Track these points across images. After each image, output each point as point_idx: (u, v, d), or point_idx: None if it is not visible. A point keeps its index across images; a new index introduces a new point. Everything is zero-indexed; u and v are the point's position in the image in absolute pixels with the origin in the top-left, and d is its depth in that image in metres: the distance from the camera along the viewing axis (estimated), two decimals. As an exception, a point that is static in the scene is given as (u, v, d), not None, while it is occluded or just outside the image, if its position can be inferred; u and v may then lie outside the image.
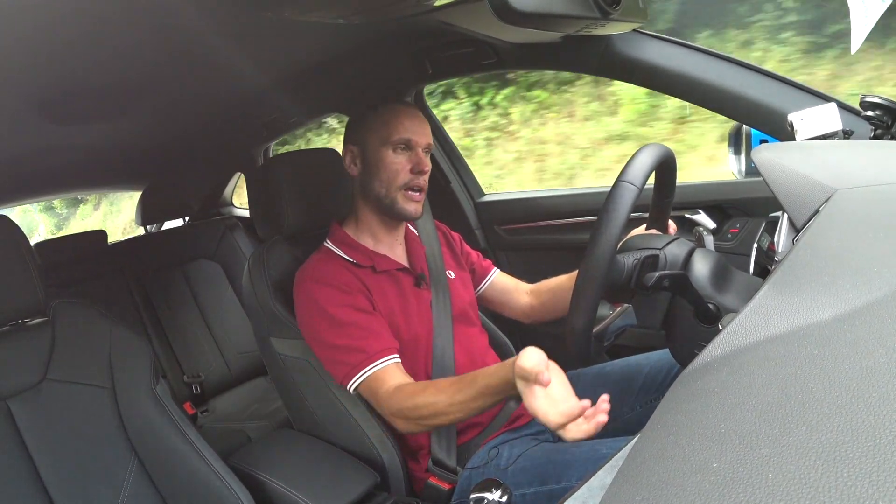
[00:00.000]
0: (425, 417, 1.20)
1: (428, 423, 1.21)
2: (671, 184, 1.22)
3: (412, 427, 1.25)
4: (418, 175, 1.41)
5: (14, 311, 1.28)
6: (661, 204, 1.26)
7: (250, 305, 1.55)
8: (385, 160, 1.40)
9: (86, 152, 2.14)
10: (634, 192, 0.94)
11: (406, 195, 1.41)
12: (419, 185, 1.42)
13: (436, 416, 1.18)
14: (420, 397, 1.20)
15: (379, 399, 1.27)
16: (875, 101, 1.23)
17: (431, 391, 1.20)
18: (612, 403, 1.44)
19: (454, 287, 1.54)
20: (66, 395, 1.29)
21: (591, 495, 0.61)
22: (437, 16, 1.43)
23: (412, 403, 1.20)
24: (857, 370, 0.43)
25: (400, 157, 1.41)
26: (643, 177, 0.95)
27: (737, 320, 0.58)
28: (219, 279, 2.88)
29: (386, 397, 1.24)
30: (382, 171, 1.41)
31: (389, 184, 1.41)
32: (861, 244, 0.64)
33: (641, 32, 1.53)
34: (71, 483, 1.24)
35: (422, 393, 1.20)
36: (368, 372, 1.28)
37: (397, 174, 1.40)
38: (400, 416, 1.23)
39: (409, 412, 1.21)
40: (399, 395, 1.23)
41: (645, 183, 0.95)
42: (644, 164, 0.97)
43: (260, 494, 1.33)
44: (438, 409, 1.17)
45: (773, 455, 0.39)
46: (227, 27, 1.30)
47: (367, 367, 1.28)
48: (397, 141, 1.40)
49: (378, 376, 1.27)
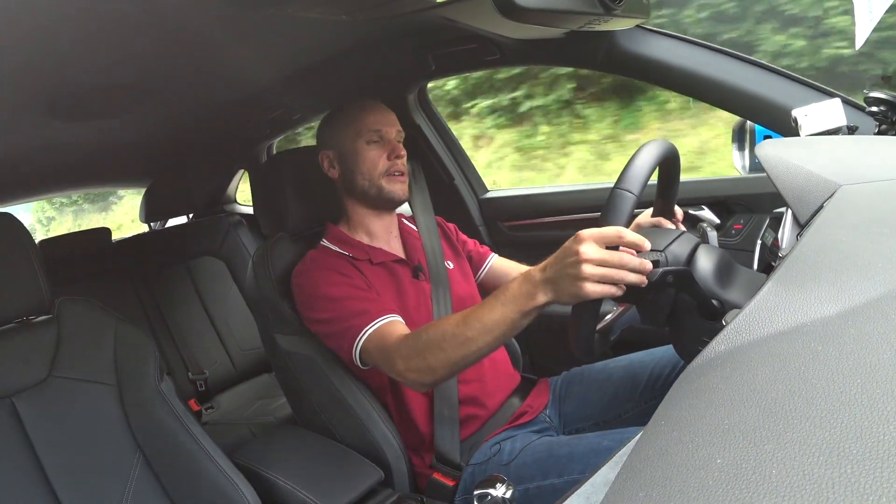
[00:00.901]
0: (438, 348, 1.12)
1: (440, 358, 1.13)
2: (675, 179, 1.22)
3: (425, 377, 1.17)
4: (395, 160, 1.46)
5: (19, 308, 1.29)
6: (665, 196, 1.26)
7: (254, 302, 1.55)
8: (361, 154, 1.45)
9: (90, 149, 2.15)
10: (632, 200, 0.93)
11: (390, 179, 1.46)
12: (399, 170, 1.47)
13: (449, 349, 1.11)
14: (430, 329, 1.16)
15: (388, 350, 1.22)
16: (880, 96, 1.23)
17: (441, 322, 1.16)
18: (617, 400, 1.45)
19: (453, 277, 1.54)
20: (71, 392, 1.30)
21: (595, 491, 0.61)
22: (440, 12, 1.43)
23: (424, 339, 1.15)
24: (861, 366, 0.43)
25: (374, 149, 1.46)
26: (641, 182, 0.94)
27: (740, 316, 0.58)
28: (223, 276, 2.89)
29: (395, 346, 1.21)
30: (361, 164, 1.45)
31: (371, 174, 1.45)
32: (865, 240, 0.63)
33: (645, 28, 1.52)
34: (76, 480, 1.25)
35: (430, 327, 1.17)
36: (374, 326, 1.27)
37: (376, 164, 1.45)
38: (411, 360, 1.17)
39: (422, 351, 1.15)
40: (408, 340, 1.20)
41: (643, 188, 0.94)
42: (641, 168, 0.96)
43: (264, 491, 1.34)
44: (449, 339, 1.11)
45: (777, 451, 0.39)
46: (232, 24, 1.30)
47: (372, 323, 1.27)
48: (368, 134, 1.45)
49: (385, 329, 1.26)
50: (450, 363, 1.13)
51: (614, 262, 0.90)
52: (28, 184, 2.56)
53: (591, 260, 0.91)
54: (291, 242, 1.57)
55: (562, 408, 1.53)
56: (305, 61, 1.79)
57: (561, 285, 0.96)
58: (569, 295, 0.95)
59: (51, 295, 1.31)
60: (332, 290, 1.33)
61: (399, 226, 1.60)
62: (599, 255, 0.91)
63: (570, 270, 0.93)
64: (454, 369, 1.16)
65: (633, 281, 0.91)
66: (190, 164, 2.89)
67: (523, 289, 1.03)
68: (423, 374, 1.16)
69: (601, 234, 0.92)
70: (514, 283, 1.05)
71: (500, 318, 1.06)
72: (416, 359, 1.16)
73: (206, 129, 2.35)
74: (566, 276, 0.94)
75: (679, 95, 1.56)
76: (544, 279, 0.99)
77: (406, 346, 1.19)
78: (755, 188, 1.70)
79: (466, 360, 1.13)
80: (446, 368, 1.14)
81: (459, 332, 1.10)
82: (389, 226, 1.54)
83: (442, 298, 1.47)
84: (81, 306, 1.38)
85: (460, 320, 1.11)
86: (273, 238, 1.56)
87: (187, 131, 2.31)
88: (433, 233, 1.58)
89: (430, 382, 1.19)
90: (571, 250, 0.93)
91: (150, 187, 2.86)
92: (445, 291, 1.48)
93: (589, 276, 0.91)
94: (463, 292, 1.55)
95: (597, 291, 0.91)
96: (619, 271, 0.90)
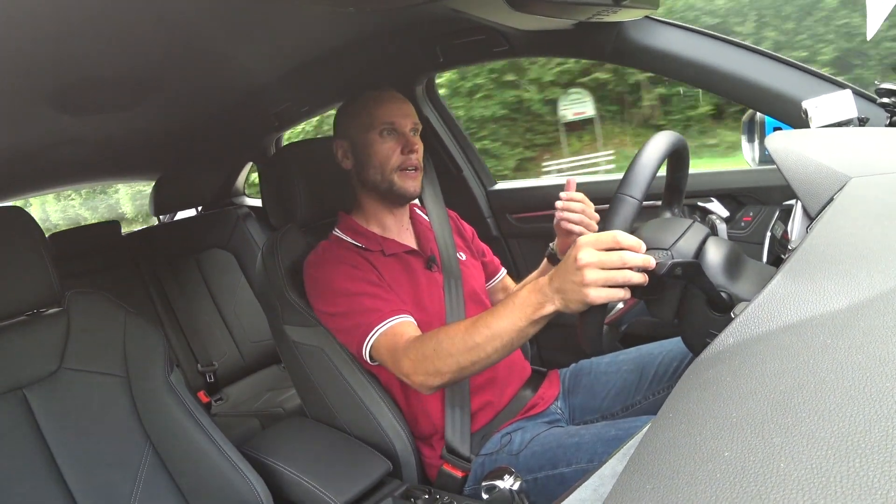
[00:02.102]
0: (447, 353, 1.13)
1: (448, 363, 1.14)
2: (683, 171, 1.21)
3: (432, 380, 1.18)
4: (409, 155, 1.42)
5: (30, 301, 1.30)
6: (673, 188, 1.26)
7: (264, 294, 1.56)
8: (374, 147, 1.42)
9: (99, 143, 2.15)
10: (634, 205, 0.93)
11: (402, 174, 1.43)
12: (412, 164, 1.43)
13: (458, 355, 1.12)
14: (440, 334, 1.17)
15: (397, 351, 1.23)
16: (891, 87, 1.22)
17: (450, 327, 1.17)
18: (625, 392, 1.45)
19: (465, 269, 1.54)
20: (81, 384, 1.31)
21: (603, 483, 0.61)
22: (448, 3, 1.42)
23: (432, 344, 1.16)
24: (870, 359, 0.43)
25: (388, 142, 1.42)
26: (644, 186, 0.94)
27: (749, 309, 0.58)
28: (231, 268, 2.90)
29: (405, 348, 1.22)
30: (373, 157, 1.42)
31: (383, 169, 1.42)
32: (875, 233, 0.63)
33: (653, 19, 1.51)
34: (87, 470, 1.26)
35: (439, 332, 1.18)
36: (385, 326, 1.27)
37: (388, 158, 1.42)
38: (420, 364, 1.18)
39: (430, 355, 1.16)
40: (418, 343, 1.20)
41: (646, 191, 0.94)
42: (644, 170, 0.95)
43: (273, 482, 1.35)
44: (458, 345, 1.12)
45: (785, 444, 0.39)
46: (239, 16, 1.30)
47: (384, 322, 1.27)
48: (381, 126, 1.42)
49: (395, 330, 1.26)
50: (458, 368, 1.14)
51: (615, 264, 0.91)
52: (37, 178, 2.57)
53: (591, 265, 0.91)
54: (301, 234, 1.57)
55: (570, 400, 1.53)
56: (313, 53, 1.79)
57: (567, 294, 0.97)
58: (576, 302, 0.95)
59: (60, 287, 1.32)
60: (347, 285, 1.33)
61: (412, 216, 1.59)
62: (598, 258, 0.91)
63: (574, 278, 0.94)
64: (462, 374, 1.17)
65: (638, 282, 0.91)
66: (198, 157, 2.90)
67: (532, 298, 1.04)
68: (430, 377, 1.17)
69: (598, 239, 0.93)
70: (524, 292, 1.06)
71: (509, 326, 1.07)
72: (425, 362, 1.17)
73: (214, 123, 2.35)
74: (571, 284, 0.95)
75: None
76: (552, 289, 1.00)
77: (415, 349, 1.20)
78: (765, 180, 1.69)
79: (475, 366, 1.14)
80: (454, 373, 1.15)
81: (468, 338, 1.11)
82: (402, 218, 1.54)
83: (454, 289, 1.47)
84: (91, 299, 1.39)
85: (469, 326, 1.12)
86: (282, 230, 1.56)
87: (195, 125, 2.31)
88: (445, 224, 1.58)
89: (437, 385, 1.20)
90: (571, 258, 0.94)
91: (158, 181, 2.87)
92: (457, 283, 1.48)
93: (592, 281, 0.91)
94: (475, 284, 1.55)
95: (602, 297, 0.92)
96: (622, 272, 0.91)
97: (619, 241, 0.91)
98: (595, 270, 0.91)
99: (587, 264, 0.92)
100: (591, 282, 0.91)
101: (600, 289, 0.92)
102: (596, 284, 0.92)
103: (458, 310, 1.44)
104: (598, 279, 0.91)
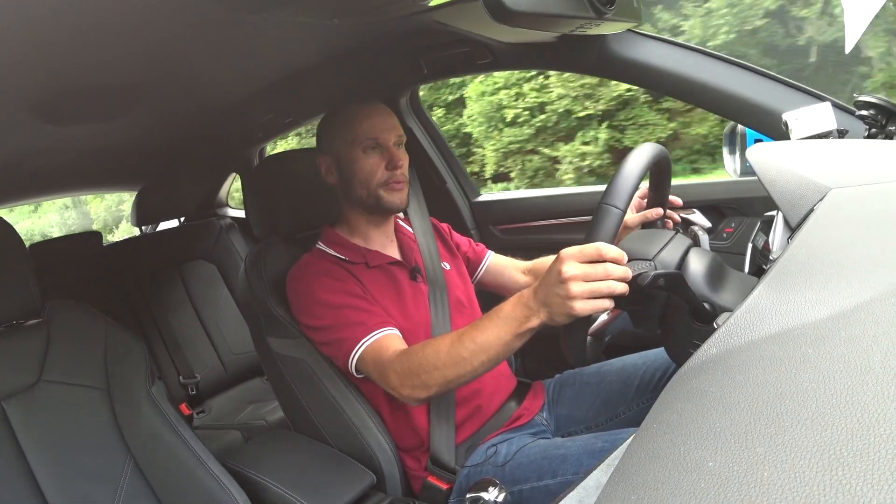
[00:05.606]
0: (433, 366, 1.14)
1: (434, 376, 1.15)
2: (666, 182, 1.22)
3: (419, 392, 1.18)
4: (394, 171, 1.40)
5: (9, 312, 1.28)
6: (657, 196, 1.27)
7: (246, 305, 1.54)
8: (358, 163, 1.40)
9: (81, 153, 2.14)
10: (618, 215, 0.94)
11: (388, 188, 1.41)
12: (398, 179, 1.41)
13: (444, 368, 1.13)
14: (426, 348, 1.17)
15: (384, 365, 1.23)
16: (869, 100, 1.23)
17: (436, 341, 1.17)
18: (609, 403, 1.45)
19: (450, 279, 1.54)
20: (61, 397, 1.29)
21: (587, 494, 0.61)
22: (432, 16, 1.43)
23: (418, 357, 1.17)
24: (851, 369, 0.43)
25: (372, 157, 1.40)
26: (627, 197, 0.95)
27: (732, 319, 0.58)
28: (214, 280, 2.88)
29: (391, 361, 1.21)
30: (358, 173, 1.41)
31: (368, 184, 1.41)
32: (855, 243, 0.64)
33: (636, 32, 1.53)
34: (66, 484, 1.24)
35: (425, 346, 1.18)
36: (370, 339, 1.26)
37: (373, 174, 1.40)
38: (406, 378, 1.18)
39: (416, 369, 1.16)
40: (403, 356, 1.20)
41: (629, 201, 0.95)
42: (627, 180, 0.96)
43: (256, 495, 1.33)
44: (444, 358, 1.13)
45: (768, 454, 0.39)
46: (223, 28, 1.30)
47: (370, 335, 1.27)
48: (364, 142, 1.39)
49: (381, 343, 1.26)
50: (444, 381, 1.15)
51: (599, 276, 0.92)
52: (18, 188, 2.55)
53: (574, 277, 0.92)
54: (284, 246, 1.56)
55: (555, 411, 1.53)
56: (297, 65, 1.79)
57: (552, 307, 0.97)
58: (561, 315, 0.96)
59: (41, 298, 1.30)
60: (330, 298, 1.33)
61: (396, 227, 1.59)
62: (582, 270, 0.92)
63: (558, 290, 0.95)
64: (448, 387, 1.17)
65: (622, 292, 0.92)
66: (181, 167, 2.88)
67: (517, 311, 1.04)
68: (417, 390, 1.18)
69: (580, 252, 0.93)
70: (508, 305, 1.07)
71: (494, 339, 1.07)
72: (411, 376, 1.18)
73: (198, 133, 2.34)
74: (556, 297, 0.95)
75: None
76: (537, 302, 1.01)
77: (401, 363, 1.20)
78: (746, 191, 1.71)
79: (461, 380, 1.14)
80: (441, 386, 1.16)
81: (454, 352, 1.12)
82: (386, 230, 1.53)
83: (439, 300, 1.46)
84: (71, 310, 1.37)
85: (455, 339, 1.13)
86: (265, 241, 1.55)
87: (179, 135, 2.30)
88: (429, 235, 1.57)
89: (423, 398, 1.20)
90: (555, 271, 0.95)
91: (141, 191, 2.85)
92: (443, 293, 1.48)
93: (577, 294, 0.92)
94: (460, 294, 1.55)
95: (587, 308, 0.93)
96: (607, 283, 0.91)
97: (602, 253, 0.92)
98: (579, 283, 0.92)
99: (571, 277, 0.92)
100: (576, 294, 0.92)
101: (585, 301, 0.92)
102: (581, 297, 0.92)
103: (443, 320, 1.44)
104: (583, 291, 0.92)
